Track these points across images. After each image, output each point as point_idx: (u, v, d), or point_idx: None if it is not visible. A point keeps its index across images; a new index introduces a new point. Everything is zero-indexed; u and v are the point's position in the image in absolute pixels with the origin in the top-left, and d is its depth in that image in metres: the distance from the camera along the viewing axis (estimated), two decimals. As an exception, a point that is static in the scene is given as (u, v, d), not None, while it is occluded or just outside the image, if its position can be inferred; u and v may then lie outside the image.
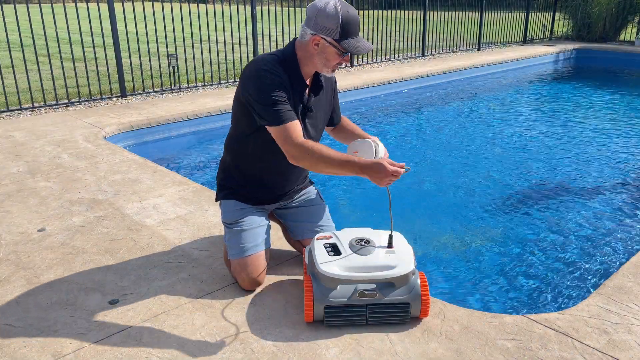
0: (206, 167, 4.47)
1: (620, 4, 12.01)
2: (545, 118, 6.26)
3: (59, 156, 3.99)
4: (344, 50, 1.97)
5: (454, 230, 3.33)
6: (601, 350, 1.81)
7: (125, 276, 2.31)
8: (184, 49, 6.85)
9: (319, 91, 2.17)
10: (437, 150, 4.99)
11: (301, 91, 2.10)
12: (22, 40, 5.73)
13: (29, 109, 5.49)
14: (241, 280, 2.16)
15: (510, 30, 11.80)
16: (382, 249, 1.99)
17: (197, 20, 6.77)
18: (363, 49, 1.99)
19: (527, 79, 8.99)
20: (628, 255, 2.96)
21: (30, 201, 3.15)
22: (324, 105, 2.24)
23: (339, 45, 1.97)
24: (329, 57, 2.00)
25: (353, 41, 1.98)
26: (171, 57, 6.59)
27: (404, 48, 9.80)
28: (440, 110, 6.64)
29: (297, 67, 2.06)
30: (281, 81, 1.98)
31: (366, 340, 1.87)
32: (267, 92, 1.96)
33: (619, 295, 2.14)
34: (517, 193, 3.94)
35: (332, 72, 2.07)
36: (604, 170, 4.43)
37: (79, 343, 1.87)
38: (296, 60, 2.06)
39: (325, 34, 1.96)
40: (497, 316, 2.02)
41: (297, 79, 2.07)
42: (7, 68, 7.55)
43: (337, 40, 1.96)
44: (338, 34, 1.95)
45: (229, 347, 1.85)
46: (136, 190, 3.31)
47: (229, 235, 2.24)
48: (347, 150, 2.17)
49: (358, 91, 6.92)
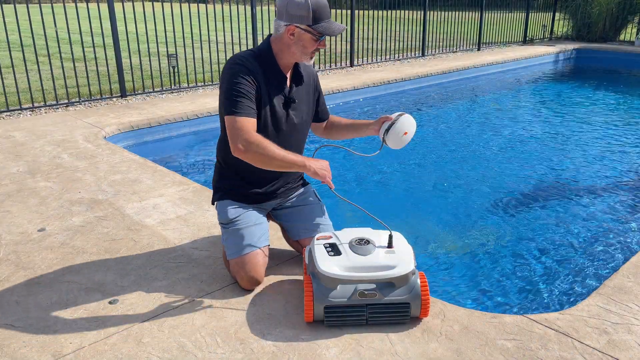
0: (206, 167, 4.47)
1: (620, 4, 12.01)
2: (545, 118, 6.26)
3: (59, 156, 3.99)
4: (319, 34, 2.05)
5: (454, 230, 3.33)
6: (601, 350, 1.81)
7: (125, 276, 2.31)
8: (184, 49, 6.85)
9: (299, 82, 2.24)
10: (436, 150, 4.99)
11: (280, 83, 2.16)
12: (22, 40, 5.72)
13: (29, 109, 5.49)
14: (240, 279, 2.16)
15: (510, 30, 11.80)
16: (382, 249, 1.99)
17: (197, 20, 6.77)
18: (337, 30, 2.06)
19: (527, 79, 8.99)
20: (628, 255, 2.96)
21: (30, 201, 3.15)
22: (307, 96, 2.29)
23: (313, 29, 2.04)
24: (306, 44, 2.07)
25: (326, 24, 2.05)
26: (171, 57, 6.59)
27: (404, 48, 9.80)
28: (440, 111, 6.64)
29: (274, 61, 2.13)
30: (250, 75, 2.06)
31: (366, 340, 1.87)
32: (232, 83, 2.04)
33: (619, 295, 2.14)
34: (517, 193, 3.94)
35: (311, 59, 2.14)
36: (604, 170, 4.43)
37: (79, 343, 1.87)
38: (272, 54, 2.13)
39: (298, 22, 2.04)
40: (497, 316, 2.02)
41: (275, 72, 2.13)
42: (7, 68, 7.55)
43: (311, 26, 2.04)
44: (311, 20, 2.03)
45: (229, 347, 1.85)
46: (136, 190, 3.31)
47: (226, 236, 2.24)
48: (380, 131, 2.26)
49: (358, 91, 6.92)
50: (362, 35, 9.67)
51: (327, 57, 9.10)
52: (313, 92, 2.34)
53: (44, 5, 18.40)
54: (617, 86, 8.48)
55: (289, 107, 2.19)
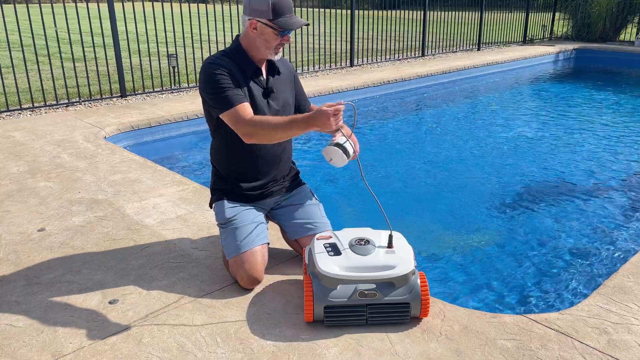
0: (206, 166, 4.47)
1: (620, 4, 12.01)
2: (545, 118, 6.26)
3: (59, 156, 3.99)
4: (279, 28, 2.09)
5: (454, 230, 3.33)
6: (601, 350, 1.81)
7: (125, 276, 2.31)
8: (184, 49, 6.85)
9: (274, 72, 2.29)
10: (436, 150, 4.99)
11: (256, 75, 2.22)
12: (22, 40, 5.72)
13: (29, 109, 5.50)
14: (240, 278, 2.16)
15: (510, 30, 11.80)
16: (382, 249, 1.99)
17: (197, 20, 6.77)
18: (296, 24, 2.11)
19: (527, 79, 8.99)
20: (628, 255, 2.96)
21: (30, 201, 3.15)
22: (285, 86, 2.34)
23: (274, 24, 2.09)
24: (268, 37, 2.13)
25: (285, 18, 2.10)
26: (171, 57, 6.59)
27: (404, 48, 9.80)
28: (440, 111, 6.64)
29: (245, 55, 2.20)
30: (225, 69, 2.11)
31: (366, 340, 1.87)
32: (213, 81, 2.10)
33: (619, 295, 2.14)
34: (517, 193, 3.94)
35: (276, 54, 2.19)
36: (604, 170, 4.43)
37: (79, 343, 1.87)
38: (242, 49, 2.20)
39: (259, 16, 2.10)
40: (497, 316, 2.02)
41: (248, 65, 2.19)
42: (7, 68, 7.55)
43: (271, 20, 2.09)
44: (271, 14, 2.08)
45: (229, 347, 1.85)
46: (136, 190, 3.31)
47: (224, 235, 2.25)
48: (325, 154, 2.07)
49: (358, 91, 6.92)
50: (362, 35, 9.68)
51: (327, 57, 9.11)
52: (292, 83, 2.40)
53: (44, 5, 18.41)
54: (617, 86, 8.48)
55: (268, 97, 2.25)
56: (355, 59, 8.55)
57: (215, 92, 2.09)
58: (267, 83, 2.25)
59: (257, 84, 2.22)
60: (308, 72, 7.72)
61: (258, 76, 2.23)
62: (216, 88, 2.09)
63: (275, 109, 2.27)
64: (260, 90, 2.22)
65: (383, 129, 5.74)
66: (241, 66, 2.17)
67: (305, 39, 9.51)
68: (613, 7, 11.99)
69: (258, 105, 2.20)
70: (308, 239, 2.31)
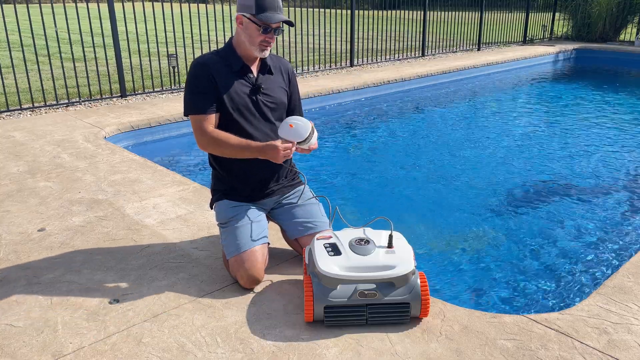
0: (206, 166, 4.46)
1: (620, 4, 12.01)
2: (545, 118, 6.26)
3: (59, 156, 3.99)
4: (261, 23, 2.12)
5: (454, 230, 3.33)
6: (601, 350, 1.81)
7: (125, 276, 2.31)
8: (184, 49, 6.85)
9: (265, 69, 2.30)
10: (436, 150, 4.98)
11: (244, 72, 2.25)
12: (22, 40, 5.73)
13: (29, 109, 5.49)
14: (240, 278, 2.16)
15: (510, 30, 11.80)
16: (382, 249, 1.99)
17: (197, 20, 6.77)
18: (276, 19, 2.13)
19: (527, 79, 8.99)
20: (628, 256, 2.96)
21: (30, 201, 3.15)
22: (276, 85, 2.34)
23: (256, 19, 2.13)
24: (252, 33, 2.16)
25: (267, 14, 2.13)
26: (171, 57, 6.59)
27: (404, 48, 9.80)
28: (440, 111, 6.64)
29: (234, 52, 2.24)
30: (205, 69, 2.18)
31: (366, 340, 1.87)
32: (190, 83, 2.19)
33: (619, 295, 2.14)
34: (517, 193, 3.94)
35: (262, 51, 2.21)
36: (604, 169, 4.43)
37: (79, 343, 1.87)
38: (232, 47, 2.25)
39: (244, 11, 2.14)
40: (497, 316, 2.02)
41: (236, 62, 2.23)
42: (7, 68, 7.55)
43: (255, 15, 2.13)
44: (254, 9, 2.12)
45: (229, 347, 1.85)
46: (136, 190, 3.31)
47: (224, 235, 2.25)
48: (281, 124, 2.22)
49: (358, 91, 6.92)
50: (362, 35, 9.68)
51: (327, 57, 9.11)
52: (286, 83, 2.39)
53: (44, 5, 18.40)
54: (617, 86, 8.48)
55: (256, 94, 2.27)
56: (355, 59, 8.55)
57: (187, 94, 2.20)
58: (256, 80, 2.27)
59: (245, 81, 2.24)
60: (308, 72, 7.72)
61: (246, 73, 2.26)
62: (189, 89, 2.19)
63: (267, 106, 2.29)
64: (248, 88, 2.25)
65: (383, 129, 5.74)
66: (228, 63, 2.22)
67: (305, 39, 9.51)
68: (613, 7, 11.98)
69: (244, 102, 2.23)
70: (308, 238, 2.31)
